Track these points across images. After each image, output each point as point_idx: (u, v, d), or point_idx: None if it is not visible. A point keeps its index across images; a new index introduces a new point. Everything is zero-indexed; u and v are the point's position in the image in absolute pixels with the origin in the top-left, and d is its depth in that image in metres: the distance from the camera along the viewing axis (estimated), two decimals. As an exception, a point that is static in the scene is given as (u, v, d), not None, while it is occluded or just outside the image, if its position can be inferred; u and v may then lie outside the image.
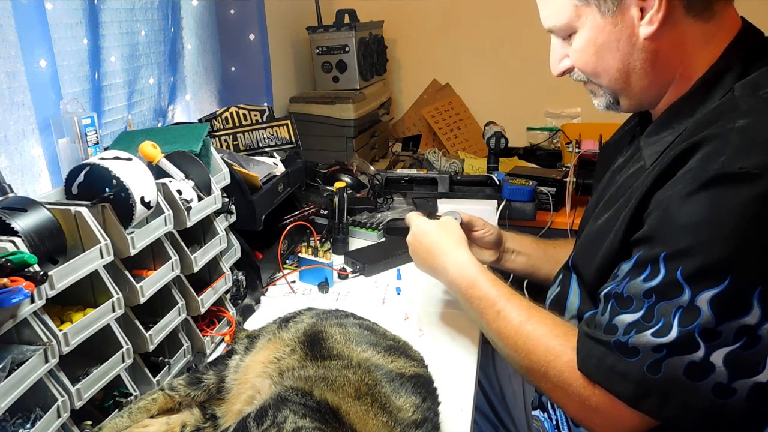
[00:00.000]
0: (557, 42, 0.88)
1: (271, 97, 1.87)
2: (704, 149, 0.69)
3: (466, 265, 0.97)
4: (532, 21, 0.94)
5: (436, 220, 1.08)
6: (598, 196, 0.96)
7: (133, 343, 0.84)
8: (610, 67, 0.81)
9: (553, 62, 0.90)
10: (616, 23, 0.78)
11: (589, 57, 0.82)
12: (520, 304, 0.87)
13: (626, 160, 0.93)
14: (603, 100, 0.88)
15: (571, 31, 0.83)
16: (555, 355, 0.79)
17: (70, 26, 1.14)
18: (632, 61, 0.80)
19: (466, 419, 0.88)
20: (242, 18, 1.76)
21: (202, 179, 1.03)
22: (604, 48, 0.80)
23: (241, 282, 1.19)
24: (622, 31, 0.78)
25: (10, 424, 0.69)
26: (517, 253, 1.22)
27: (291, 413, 0.66)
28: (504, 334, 0.86)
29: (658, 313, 0.68)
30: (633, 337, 0.70)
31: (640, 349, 0.69)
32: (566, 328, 0.82)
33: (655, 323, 0.68)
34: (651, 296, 0.69)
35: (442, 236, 1.04)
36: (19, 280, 0.63)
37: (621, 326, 0.72)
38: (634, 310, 0.71)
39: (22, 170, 1.06)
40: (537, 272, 1.23)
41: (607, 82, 0.84)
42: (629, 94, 0.84)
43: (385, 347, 0.85)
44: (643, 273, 0.71)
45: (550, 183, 1.81)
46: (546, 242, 1.25)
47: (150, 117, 1.44)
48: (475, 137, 2.45)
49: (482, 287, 0.92)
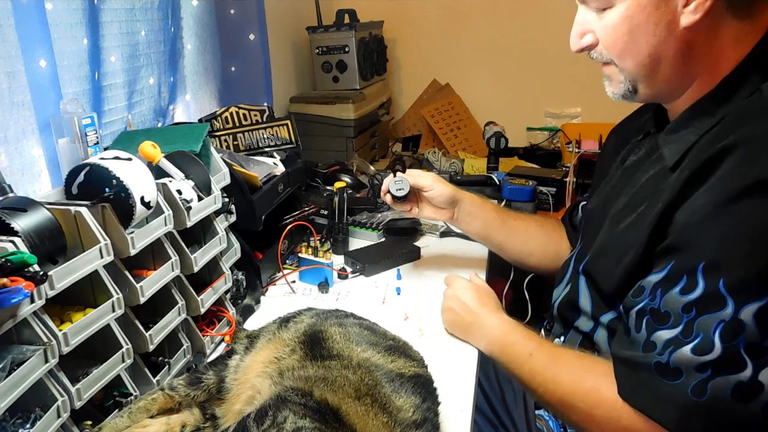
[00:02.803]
0: (584, 15, 0.83)
1: (271, 97, 1.87)
2: (737, 153, 0.66)
3: (503, 321, 0.99)
4: (533, 21, 0.94)
5: (473, 285, 1.09)
6: (608, 194, 0.94)
7: (133, 343, 0.84)
8: (640, 50, 0.77)
9: (575, 36, 0.86)
10: (659, 5, 0.74)
11: (621, 36, 0.78)
12: (550, 347, 0.89)
13: (642, 159, 0.90)
14: (620, 87, 0.83)
15: (607, 5, 0.78)
16: (590, 390, 0.79)
17: (70, 26, 1.14)
18: (665, 48, 0.76)
19: (466, 419, 0.88)
20: (242, 18, 1.77)
21: (202, 179, 1.03)
22: (640, 29, 0.76)
23: (241, 282, 1.19)
24: (662, 15, 0.74)
25: (10, 424, 0.69)
26: (473, 216, 1.23)
27: (291, 413, 0.66)
28: (535, 371, 0.87)
29: (698, 327, 0.65)
30: (673, 355, 0.67)
31: (683, 369, 0.66)
32: (599, 363, 0.82)
33: (694, 338, 0.65)
34: (691, 310, 0.66)
35: (482, 299, 1.05)
36: (19, 280, 0.63)
37: (659, 343, 0.69)
38: (673, 325, 0.68)
39: (22, 170, 1.06)
40: (491, 239, 1.26)
41: (633, 67, 0.80)
42: (652, 82, 0.80)
43: (385, 347, 0.85)
44: (677, 285, 0.68)
45: (550, 183, 1.81)
46: (508, 213, 1.26)
47: (150, 117, 1.44)
48: (475, 137, 2.45)
49: (517, 334, 0.94)
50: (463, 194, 1.23)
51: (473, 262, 1.39)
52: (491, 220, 1.23)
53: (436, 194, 1.20)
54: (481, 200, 1.25)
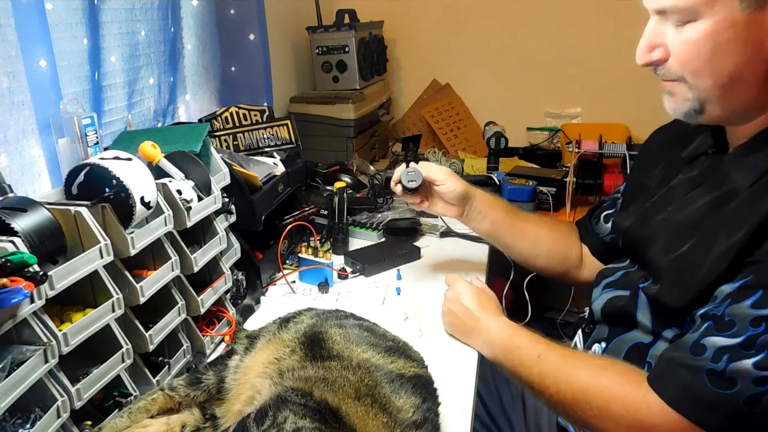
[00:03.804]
0: (658, 26, 0.77)
1: (271, 97, 1.87)
2: None
3: (505, 324, 0.98)
4: (533, 21, 0.93)
5: (474, 288, 1.08)
6: (647, 212, 0.93)
7: (133, 343, 0.84)
8: (721, 69, 0.72)
9: (643, 48, 0.78)
10: (749, 24, 0.68)
11: (701, 53, 0.72)
12: (560, 348, 0.89)
13: (698, 179, 0.87)
14: (685, 104, 0.78)
15: (691, 18, 0.72)
16: (608, 385, 0.78)
17: (70, 26, 1.14)
18: (749, 70, 0.71)
19: (466, 420, 0.88)
20: (242, 18, 1.76)
21: (202, 179, 1.03)
22: (725, 47, 0.70)
23: (241, 282, 1.19)
24: (752, 34, 0.69)
25: (10, 425, 0.69)
26: (484, 216, 1.21)
27: (291, 414, 0.66)
28: (545, 373, 0.86)
29: (762, 343, 0.65)
30: (730, 365, 0.66)
31: (739, 380, 0.65)
32: (616, 363, 0.82)
33: (756, 353, 0.65)
34: (760, 325, 0.65)
35: (483, 302, 1.04)
36: (19, 280, 0.63)
37: (710, 348, 0.68)
38: (734, 335, 0.67)
39: (22, 170, 1.06)
40: (499, 239, 1.24)
41: (708, 86, 0.74)
42: (725, 105, 0.75)
43: (385, 348, 0.85)
44: (750, 298, 0.67)
45: (550, 183, 1.81)
46: (518, 214, 1.24)
47: (150, 117, 1.44)
48: (475, 137, 2.45)
49: (522, 337, 0.93)
50: (475, 191, 1.20)
51: (473, 262, 1.39)
52: (501, 221, 1.21)
53: (448, 189, 1.17)
54: (493, 199, 1.23)
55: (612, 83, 2.26)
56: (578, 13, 2.28)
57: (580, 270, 1.21)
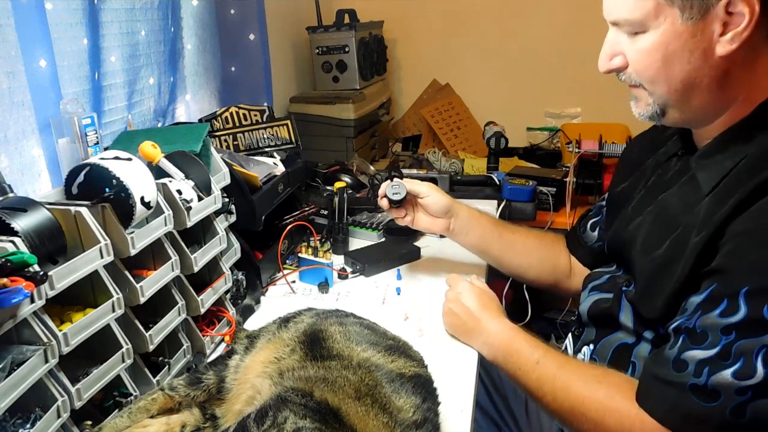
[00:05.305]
0: (615, 36, 0.81)
1: (271, 97, 1.87)
2: None
3: (506, 326, 0.98)
4: (533, 21, 0.93)
5: (475, 288, 1.08)
6: (629, 216, 0.93)
7: (133, 343, 0.84)
8: (673, 77, 0.76)
9: (603, 57, 0.83)
10: (695, 33, 0.72)
11: (653, 62, 0.76)
12: (558, 355, 0.89)
13: (668, 180, 0.89)
14: (647, 109, 0.82)
15: (640, 29, 0.76)
16: (603, 399, 0.79)
17: (70, 26, 1.14)
18: (699, 76, 0.74)
19: (467, 419, 0.88)
20: (242, 18, 1.76)
21: (202, 179, 1.03)
22: (674, 56, 0.74)
23: (241, 282, 1.19)
24: (698, 43, 0.72)
25: (10, 425, 0.69)
26: (470, 228, 1.21)
27: (291, 414, 0.66)
28: (543, 380, 0.86)
29: (737, 351, 0.65)
30: (711, 378, 0.67)
31: (722, 391, 0.66)
32: (611, 374, 0.82)
33: (734, 362, 0.65)
34: (730, 333, 0.66)
35: (484, 303, 1.04)
36: (19, 280, 0.63)
37: (691, 363, 0.69)
38: (709, 346, 0.68)
39: (22, 170, 1.06)
40: (488, 253, 1.24)
41: (664, 92, 0.78)
42: (683, 108, 0.79)
43: (385, 347, 0.85)
44: (717, 307, 0.68)
45: (550, 183, 1.81)
46: (505, 226, 1.25)
47: (150, 117, 1.44)
48: (475, 137, 2.45)
49: (521, 341, 0.93)
50: (460, 206, 1.22)
51: (473, 262, 1.39)
52: (488, 234, 1.22)
53: (432, 202, 1.19)
54: (479, 213, 1.24)
55: (612, 83, 2.24)
56: (578, 14, 2.27)
57: (569, 279, 1.21)
